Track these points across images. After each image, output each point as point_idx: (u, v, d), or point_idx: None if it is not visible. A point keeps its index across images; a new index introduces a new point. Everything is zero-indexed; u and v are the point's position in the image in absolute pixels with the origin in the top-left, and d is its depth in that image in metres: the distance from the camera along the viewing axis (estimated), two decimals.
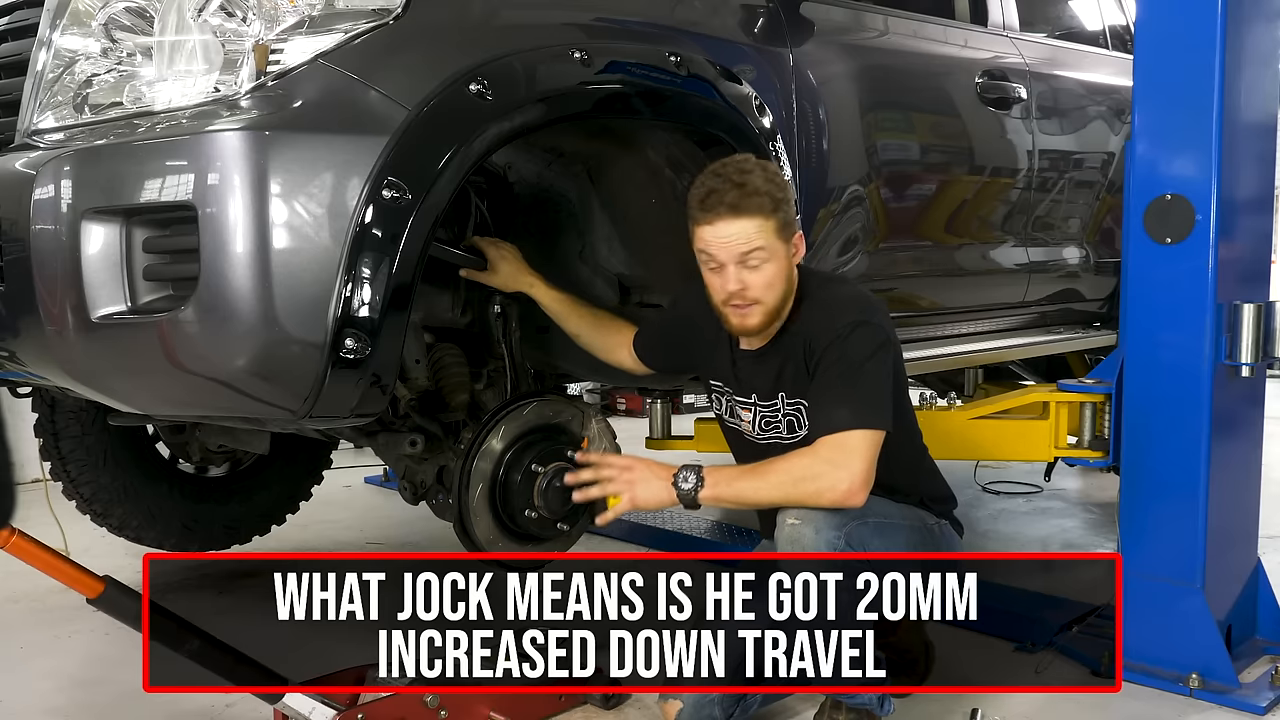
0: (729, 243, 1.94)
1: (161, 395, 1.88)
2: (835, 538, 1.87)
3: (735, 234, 1.93)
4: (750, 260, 1.94)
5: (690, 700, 2.06)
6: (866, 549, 1.90)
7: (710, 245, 1.96)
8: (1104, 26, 3.98)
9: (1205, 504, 2.41)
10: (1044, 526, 4.07)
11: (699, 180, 2.00)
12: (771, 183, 1.97)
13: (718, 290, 2.00)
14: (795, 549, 1.88)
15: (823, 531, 1.87)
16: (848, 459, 1.88)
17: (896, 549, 1.98)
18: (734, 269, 1.95)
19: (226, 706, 2.35)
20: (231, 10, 1.78)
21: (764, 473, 1.95)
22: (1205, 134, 2.37)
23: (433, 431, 2.33)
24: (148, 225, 1.72)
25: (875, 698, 2.01)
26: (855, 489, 1.87)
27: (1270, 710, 2.31)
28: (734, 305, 1.99)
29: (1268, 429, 2.74)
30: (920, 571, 2.04)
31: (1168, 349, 2.46)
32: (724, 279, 1.97)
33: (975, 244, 3.24)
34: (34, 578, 1.91)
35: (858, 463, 1.88)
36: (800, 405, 2.05)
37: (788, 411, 2.06)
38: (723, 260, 1.96)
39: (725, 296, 1.98)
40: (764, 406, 2.10)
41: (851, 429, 1.89)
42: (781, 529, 1.92)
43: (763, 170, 1.99)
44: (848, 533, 1.88)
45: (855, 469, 1.87)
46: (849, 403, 1.92)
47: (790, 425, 2.07)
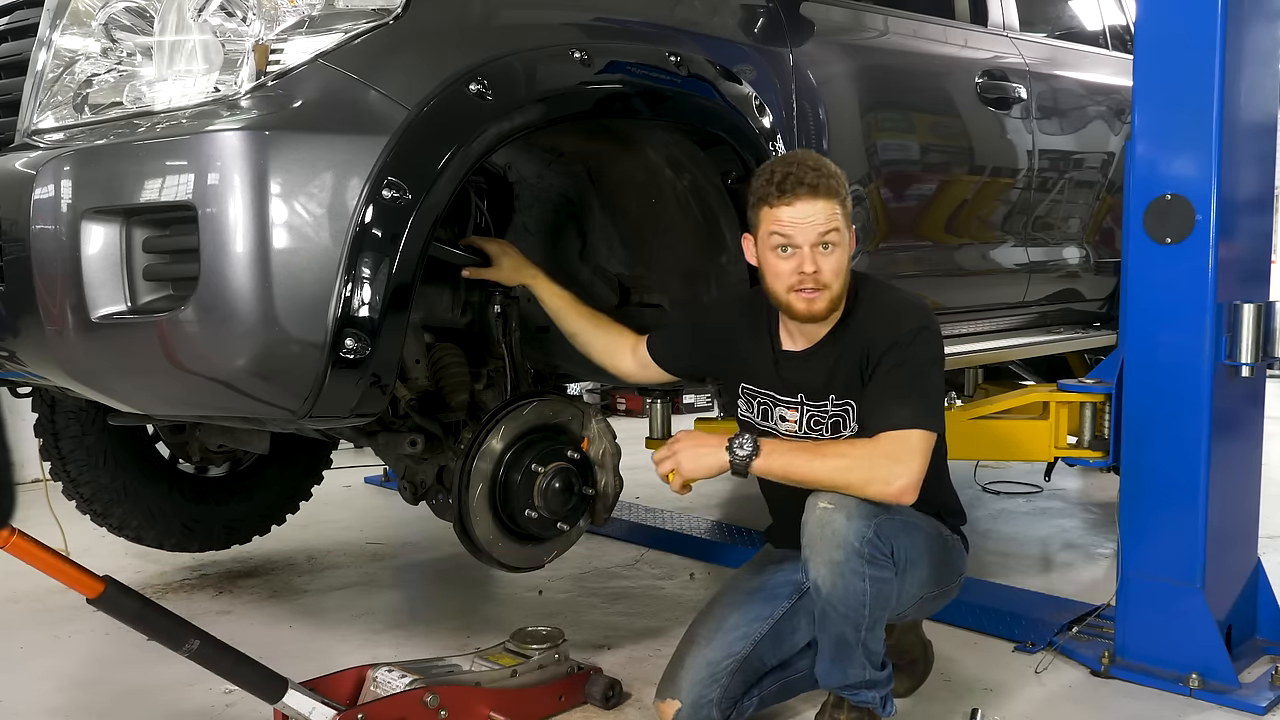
0: (809, 223, 1.93)
1: (161, 395, 1.88)
2: (866, 527, 1.86)
3: (815, 214, 1.93)
4: (827, 240, 1.94)
5: (689, 700, 2.06)
6: (893, 544, 1.90)
7: (788, 227, 1.94)
8: (1104, 26, 3.98)
9: (1205, 504, 2.40)
10: (1044, 526, 4.08)
11: (767, 168, 2.00)
12: (839, 171, 1.99)
13: (786, 275, 1.97)
14: (825, 532, 1.88)
15: (854, 520, 1.86)
16: (908, 456, 1.87)
17: (916, 551, 1.98)
18: (809, 251, 1.94)
19: (226, 707, 2.35)
20: (231, 10, 1.78)
21: (822, 453, 1.93)
22: (1205, 134, 2.37)
23: (433, 431, 2.33)
24: (148, 225, 1.73)
25: (877, 697, 2.01)
26: (909, 487, 1.87)
27: (1270, 710, 2.31)
28: (804, 290, 1.96)
29: (1268, 429, 2.74)
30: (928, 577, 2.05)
31: (1168, 349, 2.45)
32: (799, 260, 1.95)
33: (975, 244, 3.24)
34: (34, 578, 1.91)
35: (915, 461, 1.87)
36: (849, 406, 2.04)
37: (835, 412, 2.06)
38: (800, 242, 1.94)
39: (796, 281, 1.96)
40: (812, 406, 2.08)
41: (914, 428, 1.89)
42: (813, 511, 1.91)
43: (828, 161, 2.01)
44: (878, 524, 1.87)
45: (913, 467, 1.87)
46: (913, 403, 1.91)
47: (835, 426, 2.06)
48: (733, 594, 2.21)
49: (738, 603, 2.17)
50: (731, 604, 2.18)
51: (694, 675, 2.08)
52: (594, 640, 2.75)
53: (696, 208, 2.40)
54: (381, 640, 2.79)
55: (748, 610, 2.15)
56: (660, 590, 3.23)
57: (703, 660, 2.09)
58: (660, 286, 2.60)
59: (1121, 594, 2.54)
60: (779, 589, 2.17)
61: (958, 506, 2.22)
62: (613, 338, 2.34)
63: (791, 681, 2.20)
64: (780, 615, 2.14)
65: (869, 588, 1.88)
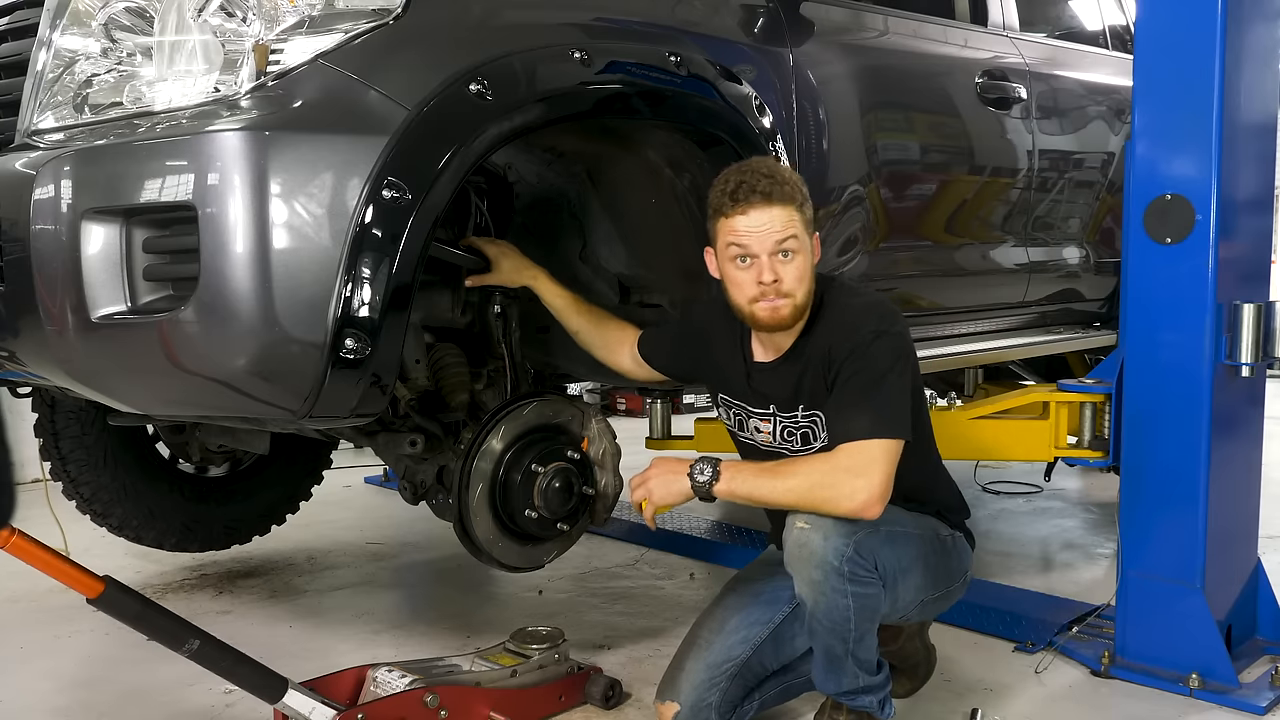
0: (764, 231, 1.90)
1: (161, 395, 1.88)
2: (844, 545, 1.83)
3: (771, 221, 1.90)
4: (784, 247, 1.91)
5: (688, 703, 2.05)
6: (876, 558, 1.88)
7: (743, 236, 1.91)
8: (1104, 26, 3.98)
9: (1205, 504, 2.40)
10: (1044, 526, 4.08)
11: (721, 177, 1.96)
12: (796, 178, 1.96)
13: (747, 286, 1.94)
14: (803, 554, 1.86)
15: (831, 539, 1.84)
16: (867, 468, 1.83)
17: (906, 560, 1.96)
18: (767, 260, 1.91)
19: (226, 707, 2.35)
20: (231, 10, 1.78)
21: (782, 473, 1.91)
22: (1205, 134, 2.37)
23: (433, 431, 2.33)
24: (148, 225, 1.73)
25: (874, 701, 2.00)
26: (873, 500, 1.82)
27: (1270, 710, 2.31)
28: (765, 300, 1.93)
29: (1268, 429, 2.74)
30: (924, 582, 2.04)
31: (1168, 349, 2.45)
32: (757, 271, 1.91)
33: (975, 244, 3.24)
34: (34, 578, 1.90)
35: (876, 473, 1.83)
36: (817, 416, 2.02)
37: (805, 422, 2.04)
38: (756, 251, 1.91)
39: (757, 292, 1.93)
40: (784, 418, 2.07)
41: (871, 438, 1.85)
42: (790, 531, 1.89)
43: (784, 167, 1.99)
44: (857, 541, 1.85)
45: (874, 479, 1.82)
46: (869, 413, 1.87)
47: (805, 437, 2.05)
48: (734, 597, 2.20)
49: (739, 606, 2.16)
50: (732, 607, 2.16)
51: (694, 678, 2.07)
52: (594, 640, 2.75)
53: (696, 208, 2.39)
54: (381, 640, 2.79)
55: (749, 614, 2.13)
56: (660, 590, 3.23)
57: (702, 663, 2.08)
58: (660, 286, 2.59)
59: (1121, 594, 2.54)
60: (780, 593, 2.13)
61: (958, 503, 2.19)
62: (613, 334, 2.34)
63: (792, 685, 2.19)
64: (781, 620, 2.12)
65: (852, 604, 1.86)
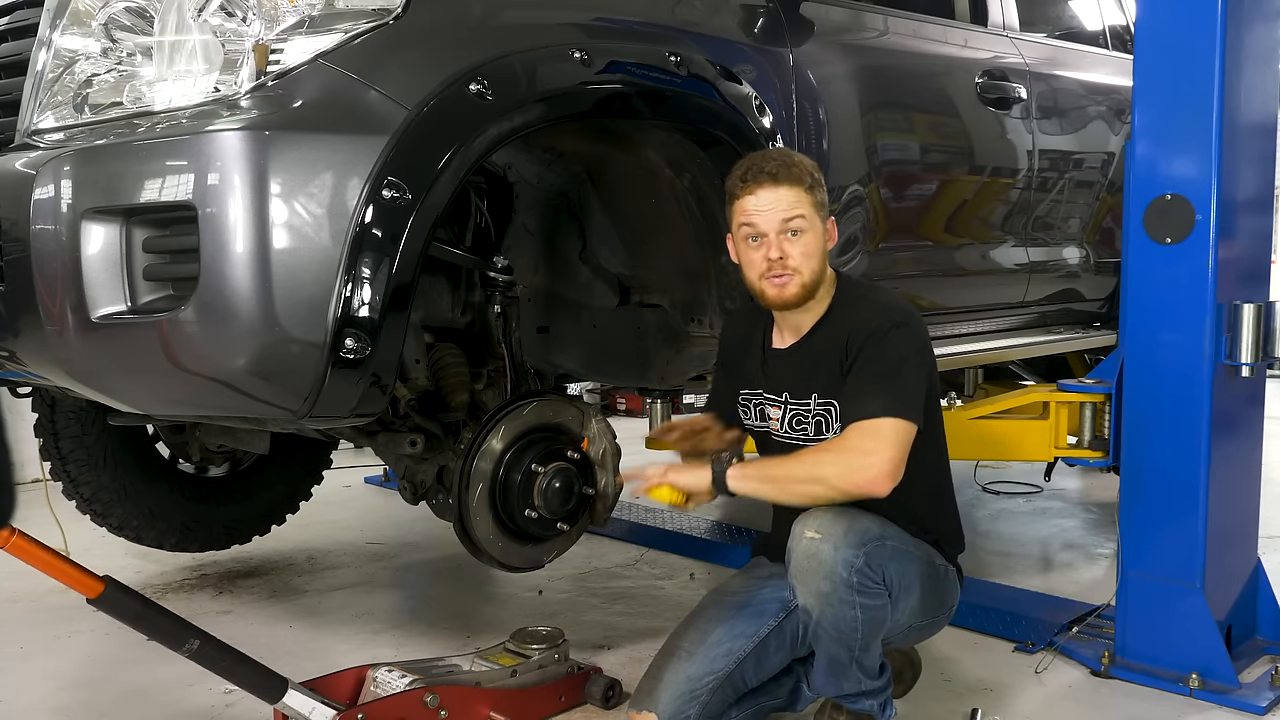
0: (771, 209, 1.95)
1: (161, 395, 1.88)
2: (855, 556, 1.83)
3: (778, 200, 1.95)
4: (792, 226, 1.95)
5: (665, 715, 1.97)
6: (886, 570, 1.88)
7: (752, 215, 1.97)
8: (1104, 26, 3.98)
9: (1205, 504, 2.40)
10: (1044, 526, 4.08)
11: (736, 165, 2.02)
12: (809, 164, 2.01)
13: (757, 263, 1.98)
14: (812, 564, 1.85)
15: (842, 549, 1.83)
16: (878, 445, 1.84)
17: (909, 578, 1.96)
18: (775, 237, 1.96)
19: (226, 707, 2.35)
20: (231, 10, 1.78)
21: (794, 455, 1.95)
22: (1205, 134, 2.37)
23: (433, 431, 2.33)
24: (148, 225, 1.73)
25: (875, 704, 1.99)
26: (883, 475, 1.82)
27: (1270, 710, 2.31)
28: (773, 276, 1.97)
29: (1268, 429, 2.74)
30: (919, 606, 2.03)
31: (1168, 349, 2.45)
32: (765, 248, 1.97)
33: (975, 244, 3.24)
34: (34, 578, 1.90)
35: (888, 450, 1.83)
36: (831, 406, 2.02)
37: (818, 411, 2.04)
38: (764, 229, 1.96)
39: (765, 268, 1.97)
40: (795, 404, 2.07)
41: (885, 417, 1.86)
42: (799, 541, 1.87)
43: (798, 154, 2.04)
44: (868, 552, 1.84)
45: (885, 455, 1.83)
46: (883, 395, 1.88)
47: (819, 426, 2.05)
48: (717, 608, 2.10)
49: (723, 617, 2.06)
50: (716, 618, 2.06)
51: (673, 690, 1.98)
52: (594, 640, 2.75)
53: (696, 208, 2.40)
54: (381, 640, 2.78)
55: (733, 625, 2.04)
56: (660, 590, 3.23)
57: (683, 675, 1.99)
58: (660, 286, 2.60)
59: (1121, 594, 2.54)
60: (766, 605, 2.07)
61: (957, 535, 2.16)
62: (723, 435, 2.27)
63: (766, 705, 2.13)
64: (766, 633, 2.04)
65: (860, 615, 1.86)
